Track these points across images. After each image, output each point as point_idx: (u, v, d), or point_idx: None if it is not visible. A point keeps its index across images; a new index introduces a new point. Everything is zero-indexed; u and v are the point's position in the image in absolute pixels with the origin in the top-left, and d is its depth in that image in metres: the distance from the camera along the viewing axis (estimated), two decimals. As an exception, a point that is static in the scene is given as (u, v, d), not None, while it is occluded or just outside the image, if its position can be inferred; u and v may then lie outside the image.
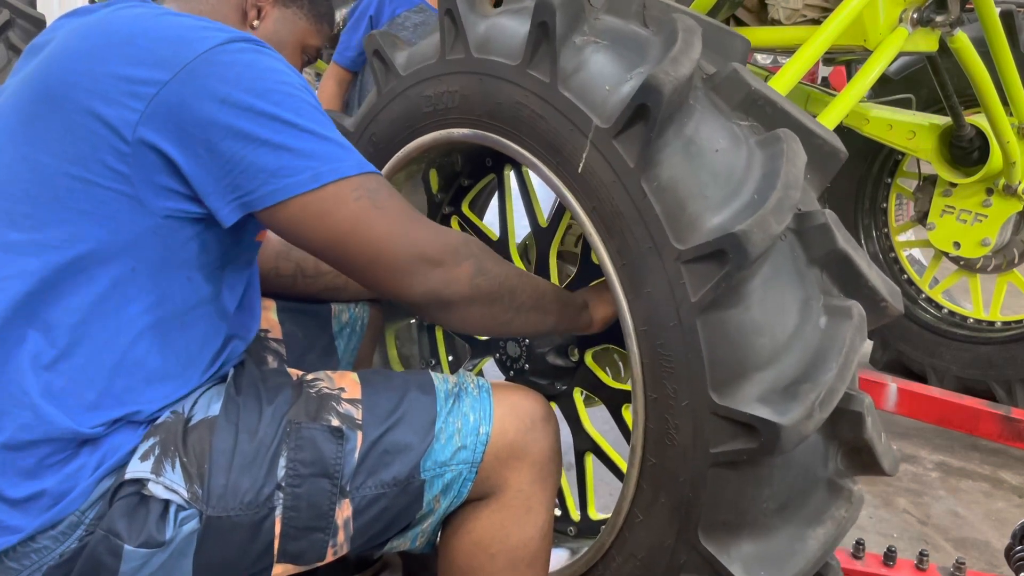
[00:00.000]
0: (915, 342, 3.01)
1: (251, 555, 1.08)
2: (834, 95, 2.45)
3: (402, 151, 1.49)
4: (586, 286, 1.42)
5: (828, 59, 2.76)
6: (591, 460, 1.53)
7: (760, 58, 4.46)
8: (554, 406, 1.39)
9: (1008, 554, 1.63)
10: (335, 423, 1.11)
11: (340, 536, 1.11)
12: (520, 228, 1.59)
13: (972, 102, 2.47)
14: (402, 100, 1.46)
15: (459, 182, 1.65)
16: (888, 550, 1.68)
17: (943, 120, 2.52)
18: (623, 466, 1.36)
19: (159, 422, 1.07)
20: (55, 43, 1.09)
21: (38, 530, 1.01)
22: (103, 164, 1.01)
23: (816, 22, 2.19)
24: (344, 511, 1.10)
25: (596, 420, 1.54)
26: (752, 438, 1.07)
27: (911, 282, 3.09)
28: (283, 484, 1.07)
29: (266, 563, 1.09)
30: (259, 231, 1.17)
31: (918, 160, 2.82)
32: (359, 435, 1.11)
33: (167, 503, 1.03)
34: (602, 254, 1.20)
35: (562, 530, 1.51)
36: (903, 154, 2.97)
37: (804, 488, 1.15)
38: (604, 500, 1.69)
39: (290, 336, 1.46)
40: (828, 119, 1.96)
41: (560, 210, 1.46)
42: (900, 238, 3.13)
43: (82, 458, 1.03)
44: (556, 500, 1.40)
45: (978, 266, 2.89)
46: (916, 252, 3.27)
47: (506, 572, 1.20)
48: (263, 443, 1.08)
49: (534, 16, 1.22)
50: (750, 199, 1.10)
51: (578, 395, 1.52)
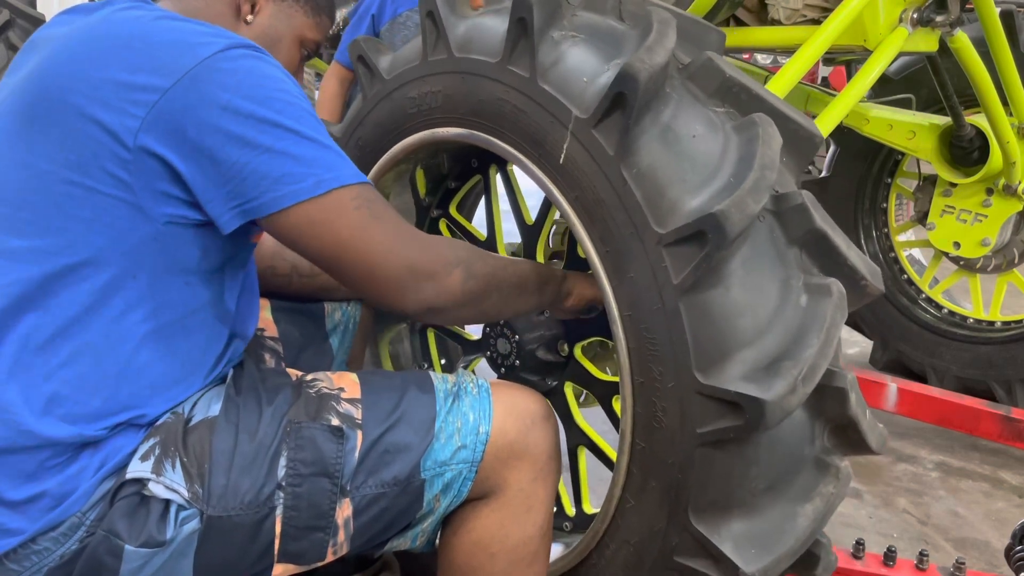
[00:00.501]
0: (915, 342, 3.00)
1: (251, 555, 1.08)
2: (834, 95, 2.45)
3: (389, 153, 1.51)
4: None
5: (828, 59, 2.77)
6: (585, 454, 1.54)
7: (760, 58, 4.48)
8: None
9: (1008, 554, 1.62)
10: (335, 423, 1.11)
11: (340, 536, 1.11)
12: (509, 228, 1.61)
13: (972, 102, 2.47)
14: (387, 103, 1.49)
15: (446, 184, 1.67)
16: (888, 550, 1.67)
17: (943, 120, 2.52)
18: (615, 458, 1.37)
19: (159, 423, 1.08)
20: (53, 45, 1.08)
21: (39, 532, 1.01)
22: (104, 171, 1.00)
23: (816, 22, 2.19)
24: (344, 510, 1.10)
25: (589, 419, 1.54)
26: (737, 416, 1.08)
27: (911, 282, 3.08)
28: (283, 484, 1.07)
29: (266, 563, 1.09)
30: (257, 233, 1.17)
31: (918, 160, 2.82)
32: (359, 434, 1.11)
33: (167, 503, 1.03)
34: (585, 242, 1.22)
35: (558, 526, 1.51)
36: (903, 154, 2.97)
37: (792, 466, 1.15)
38: (599, 496, 1.68)
39: (285, 335, 1.47)
40: (828, 119, 1.96)
41: (546, 207, 1.47)
42: (900, 238, 3.13)
43: (83, 460, 1.03)
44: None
45: (978, 266, 2.88)
46: (916, 252, 3.26)
47: (506, 571, 1.19)
48: (263, 443, 1.08)
49: (512, 13, 1.25)
50: (727, 181, 1.11)
51: (569, 390, 1.53)
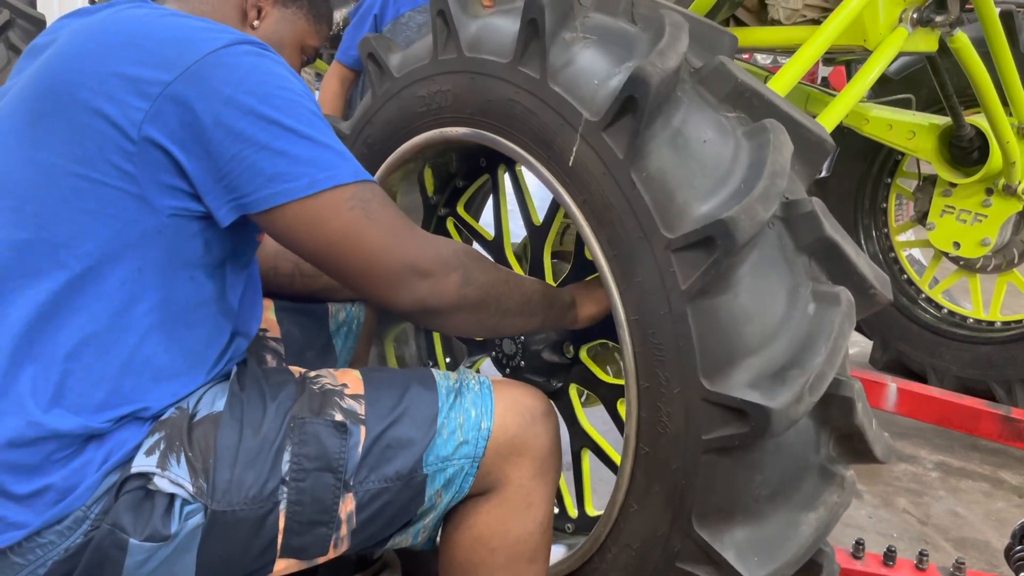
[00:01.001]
0: (915, 342, 3.01)
1: (255, 549, 1.08)
2: (834, 95, 2.45)
3: (397, 152, 1.51)
4: (578, 282, 1.43)
5: (828, 59, 2.75)
6: (588, 457, 1.54)
7: (760, 58, 4.47)
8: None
9: (1008, 554, 1.62)
10: (339, 418, 1.12)
11: (343, 530, 1.12)
12: (517, 228, 1.61)
13: (972, 102, 2.46)
14: (396, 101, 1.48)
15: (454, 183, 1.66)
16: (888, 550, 1.68)
17: (943, 120, 2.52)
18: (619, 461, 1.37)
19: (164, 418, 1.08)
20: (58, 44, 1.09)
21: (44, 525, 1.01)
22: (110, 163, 1.01)
23: (816, 22, 2.18)
24: (347, 505, 1.10)
25: (593, 421, 1.55)
26: (743, 423, 1.08)
27: (911, 282, 3.08)
28: (287, 479, 1.08)
29: (269, 558, 1.09)
30: (261, 230, 1.17)
31: (918, 160, 2.81)
32: (362, 430, 1.12)
33: (172, 497, 1.04)
34: (593, 246, 1.22)
35: (559, 527, 1.51)
36: (903, 154, 2.96)
37: (796, 474, 1.15)
38: (602, 498, 1.69)
39: (288, 335, 1.47)
40: (828, 119, 1.95)
41: (555, 208, 1.47)
42: (900, 238, 3.13)
43: (88, 453, 1.03)
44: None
45: (978, 266, 2.88)
46: (916, 252, 3.26)
47: (506, 567, 1.20)
48: (267, 438, 1.08)
49: (524, 14, 1.24)
50: (737, 187, 1.11)
51: (574, 391, 1.53)
